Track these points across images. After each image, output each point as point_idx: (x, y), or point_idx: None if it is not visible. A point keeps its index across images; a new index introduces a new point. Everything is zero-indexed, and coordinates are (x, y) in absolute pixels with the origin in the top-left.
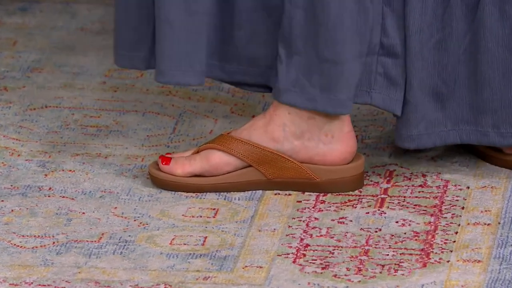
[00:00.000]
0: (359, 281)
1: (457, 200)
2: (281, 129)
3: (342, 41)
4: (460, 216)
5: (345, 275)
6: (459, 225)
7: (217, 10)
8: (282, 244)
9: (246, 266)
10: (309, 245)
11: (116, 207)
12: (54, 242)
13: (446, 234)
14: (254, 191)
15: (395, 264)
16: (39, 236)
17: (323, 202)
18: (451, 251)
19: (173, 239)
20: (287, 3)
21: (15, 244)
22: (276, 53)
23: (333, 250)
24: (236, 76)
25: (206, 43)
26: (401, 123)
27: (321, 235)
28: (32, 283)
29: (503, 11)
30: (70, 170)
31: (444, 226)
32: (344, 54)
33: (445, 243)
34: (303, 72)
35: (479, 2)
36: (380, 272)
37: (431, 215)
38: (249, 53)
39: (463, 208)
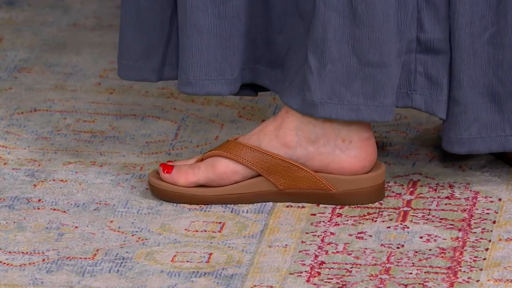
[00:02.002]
0: None
1: (488, 214)
2: (293, 133)
3: (388, 41)
4: (491, 231)
5: None
6: (490, 241)
7: (251, 13)
8: (294, 261)
9: (255, 286)
10: (325, 263)
11: (112, 221)
12: (44, 259)
13: (476, 250)
14: (264, 203)
15: (419, 283)
16: (27, 252)
17: (339, 215)
18: (481, 270)
19: (174, 255)
20: (321, 5)
21: (1, 262)
22: (299, 65)
23: (351, 268)
24: (277, 86)
25: (239, 49)
26: (449, 126)
27: (338, 252)
28: None
29: None
30: (61, 180)
31: (473, 242)
32: (390, 55)
33: (474, 260)
34: (341, 81)
35: None
36: None
37: (459, 230)
38: (288, 61)
39: (494, 222)
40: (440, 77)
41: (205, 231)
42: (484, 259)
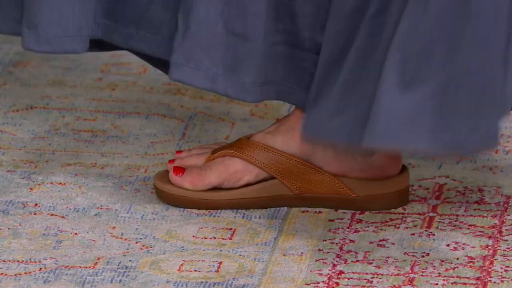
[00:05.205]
0: None
1: None
2: None
3: (255, 14)
4: None
5: None
6: None
7: None
8: (311, 270)
9: None
10: (343, 272)
11: (114, 227)
12: (41, 268)
13: (507, 260)
14: (278, 208)
15: None
16: (23, 261)
17: (359, 221)
18: None
19: (181, 264)
20: None
21: None
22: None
23: (372, 278)
24: (131, 42)
25: (96, 2)
26: None
27: (358, 261)
28: None
29: None
30: (60, 183)
31: (504, 250)
32: (256, 30)
33: (505, 270)
34: (202, 46)
35: None
36: None
37: (489, 237)
38: (150, 17)
39: None
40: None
41: (215, 238)
42: None
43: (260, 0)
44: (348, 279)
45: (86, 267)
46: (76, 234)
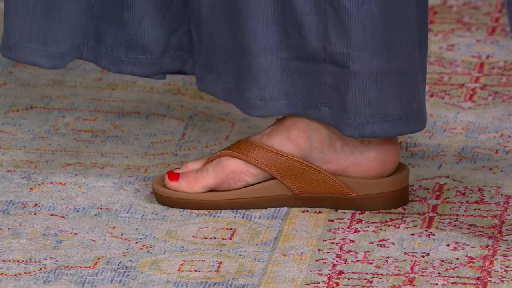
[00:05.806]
0: None
1: None
2: (306, 136)
3: (254, 30)
4: None
5: None
6: None
7: None
8: (311, 271)
9: None
10: (343, 272)
11: (114, 227)
12: (41, 268)
13: (507, 260)
14: (278, 208)
15: None
16: (23, 261)
17: (359, 221)
18: None
19: (181, 264)
20: None
21: None
22: (169, 33)
23: (372, 278)
24: (122, 67)
25: (69, 23)
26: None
27: (358, 261)
28: None
29: None
30: (60, 183)
31: (504, 250)
32: (253, 46)
33: (505, 270)
34: (218, 57)
35: None
36: None
37: (489, 237)
38: (140, 38)
39: None
40: (344, 93)
41: (215, 238)
42: None
43: (259, 16)
44: (348, 279)
45: (86, 267)
46: (76, 234)
